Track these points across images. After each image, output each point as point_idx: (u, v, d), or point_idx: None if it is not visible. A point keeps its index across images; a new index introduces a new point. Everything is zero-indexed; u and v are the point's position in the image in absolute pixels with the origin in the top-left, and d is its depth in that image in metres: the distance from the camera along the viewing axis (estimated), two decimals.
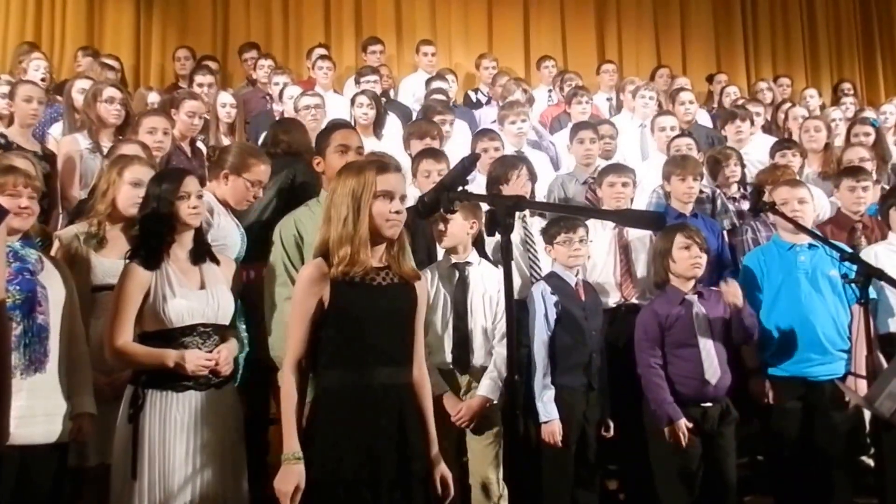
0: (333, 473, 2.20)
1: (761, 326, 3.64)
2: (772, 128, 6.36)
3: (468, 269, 3.31)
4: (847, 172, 4.36)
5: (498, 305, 3.27)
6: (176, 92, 5.40)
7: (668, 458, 3.37)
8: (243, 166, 3.35)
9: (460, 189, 2.06)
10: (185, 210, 2.79)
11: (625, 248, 3.88)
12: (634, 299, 3.81)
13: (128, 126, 4.40)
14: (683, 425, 3.31)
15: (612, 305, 3.82)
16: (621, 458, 3.84)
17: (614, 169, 4.15)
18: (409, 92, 6.87)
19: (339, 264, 2.25)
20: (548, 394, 3.36)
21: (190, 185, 2.82)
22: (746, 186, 4.71)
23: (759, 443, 3.96)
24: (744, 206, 4.57)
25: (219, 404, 2.75)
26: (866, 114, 6.54)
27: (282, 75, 6.34)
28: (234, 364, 2.85)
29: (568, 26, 8.86)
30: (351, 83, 6.64)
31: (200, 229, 2.91)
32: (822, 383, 3.57)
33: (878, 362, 3.05)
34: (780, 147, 5.02)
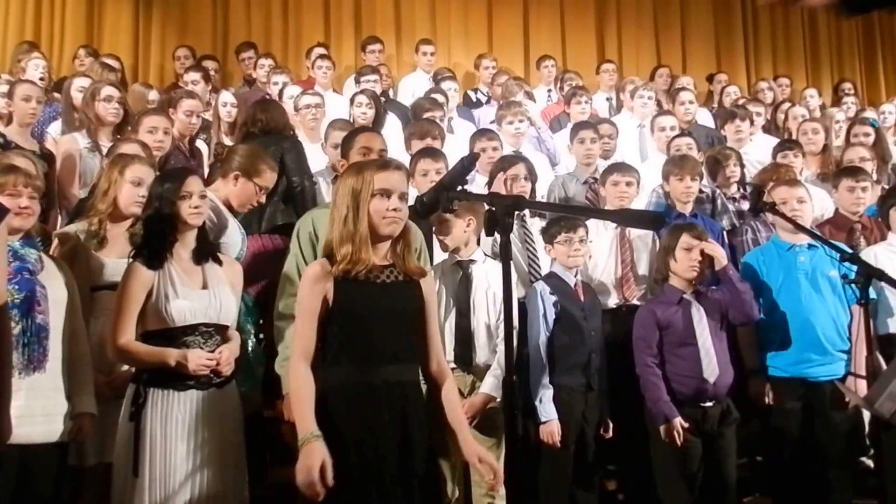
0: (338, 470, 2.18)
1: (761, 326, 3.64)
2: (771, 128, 6.36)
3: (472, 266, 3.30)
4: (846, 173, 4.35)
5: (502, 303, 3.25)
6: (173, 91, 5.39)
7: (669, 459, 3.37)
8: (255, 171, 3.37)
9: (459, 188, 2.06)
10: (187, 210, 2.79)
11: (626, 247, 3.87)
12: (636, 300, 3.80)
13: (126, 125, 4.39)
14: (679, 424, 3.31)
15: (613, 305, 3.82)
16: (620, 458, 3.84)
17: (618, 168, 4.13)
18: (408, 91, 6.84)
19: (341, 262, 2.25)
20: (546, 394, 3.36)
21: (192, 185, 2.82)
22: (746, 186, 4.71)
23: (759, 443, 3.95)
24: (743, 207, 4.56)
25: (220, 404, 2.75)
26: (866, 114, 6.54)
27: (281, 75, 6.33)
28: (234, 364, 2.85)
29: (568, 26, 8.85)
30: (350, 83, 6.64)
31: (203, 229, 2.91)
32: (822, 384, 3.57)
33: (877, 363, 3.04)
34: (782, 148, 5.01)
